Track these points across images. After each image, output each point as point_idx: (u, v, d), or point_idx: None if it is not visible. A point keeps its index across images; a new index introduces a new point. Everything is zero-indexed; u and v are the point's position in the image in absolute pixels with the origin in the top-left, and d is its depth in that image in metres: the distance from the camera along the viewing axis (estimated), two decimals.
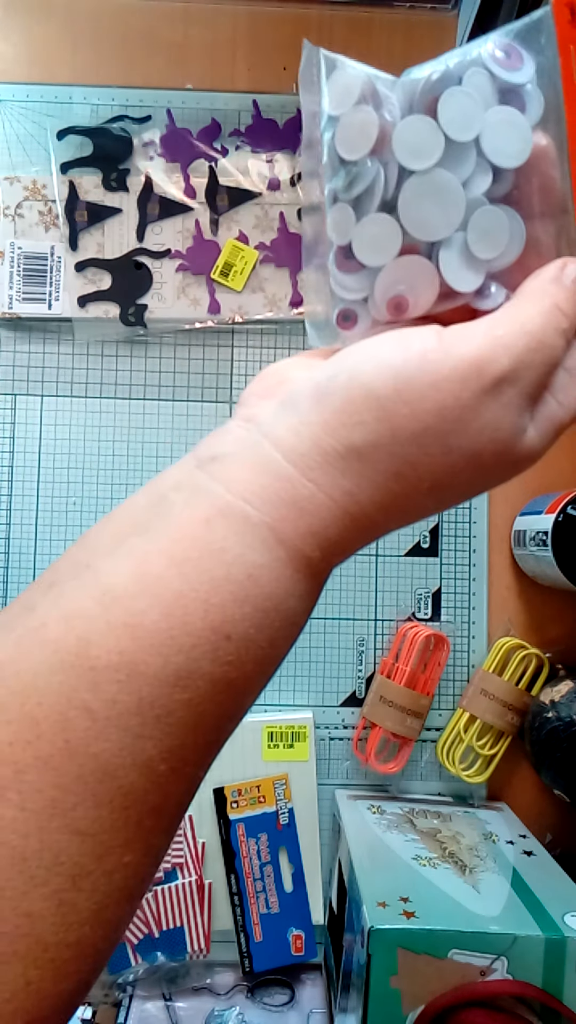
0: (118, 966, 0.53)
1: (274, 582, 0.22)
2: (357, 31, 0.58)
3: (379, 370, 0.22)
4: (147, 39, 0.58)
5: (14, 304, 0.56)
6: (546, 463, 0.58)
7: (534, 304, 0.23)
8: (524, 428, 0.23)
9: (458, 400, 0.21)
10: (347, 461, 0.22)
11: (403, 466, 0.22)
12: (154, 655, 0.20)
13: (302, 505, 0.22)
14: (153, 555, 0.21)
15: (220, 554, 0.21)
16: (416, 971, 0.39)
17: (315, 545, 0.22)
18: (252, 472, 0.22)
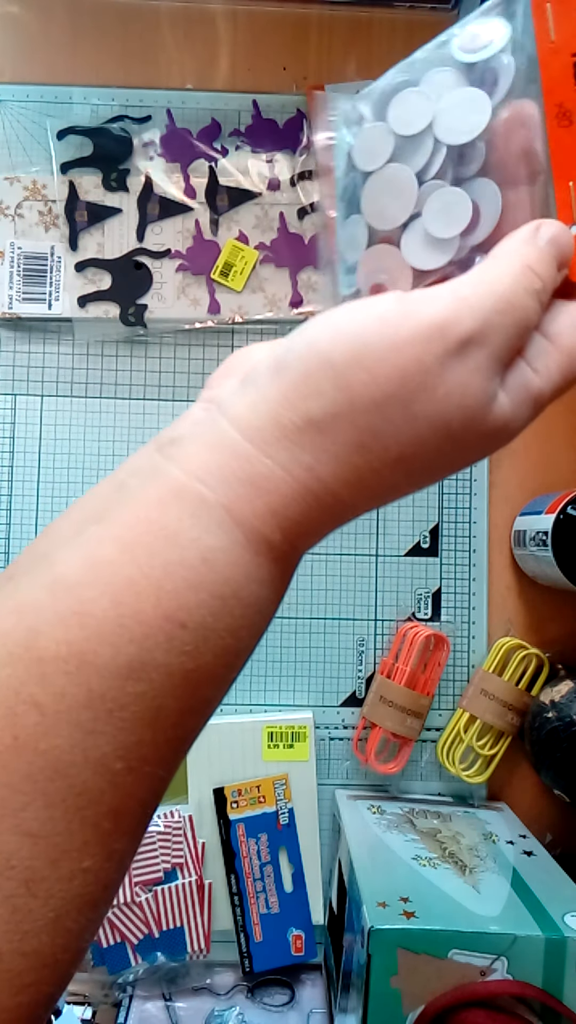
0: (118, 966, 0.53)
1: (231, 566, 0.20)
2: (357, 31, 0.58)
3: (336, 337, 0.21)
4: (147, 39, 0.58)
5: (14, 304, 0.56)
6: (546, 463, 0.58)
7: (504, 264, 0.22)
8: (494, 395, 0.21)
9: (420, 363, 0.20)
10: (306, 434, 0.21)
11: (365, 437, 0.21)
12: (104, 645, 0.19)
13: (259, 483, 0.21)
14: (106, 541, 0.20)
15: (173, 537, 0.20)
16: (416, 971, 0.39)
17: (275, 526, 0.21)
18: (208, 451, 0.21)
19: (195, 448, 0.21)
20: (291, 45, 0.58)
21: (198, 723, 0.22)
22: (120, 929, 0.53)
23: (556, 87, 0.24)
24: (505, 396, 0.21)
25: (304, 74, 0.58)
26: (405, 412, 0.20)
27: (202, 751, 0.54)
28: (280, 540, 0.21)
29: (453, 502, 0.58)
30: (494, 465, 0.58)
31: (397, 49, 0.58)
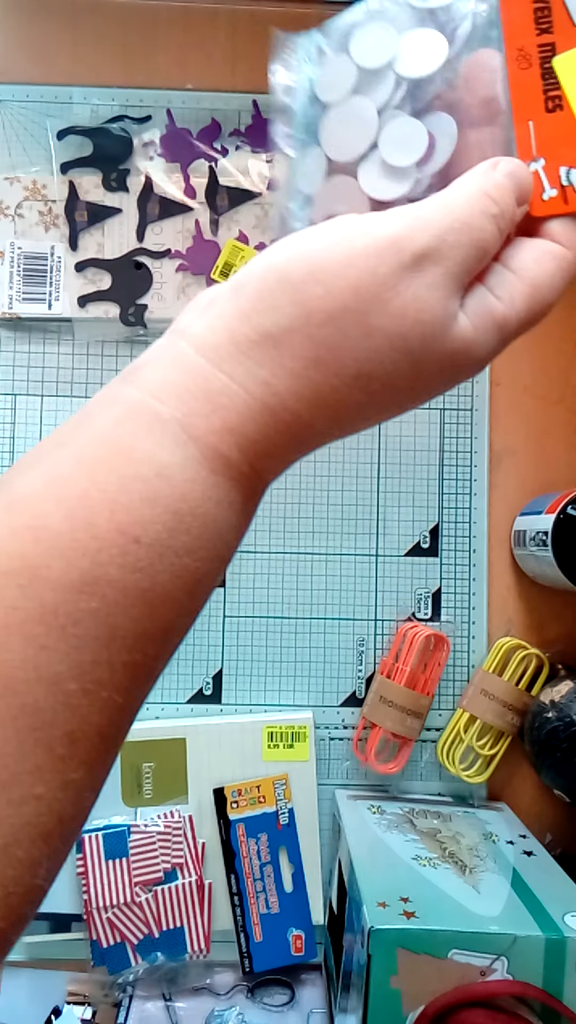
0: (118, 966, 0.53)
1: (188, 482, 0.20)
2: None
3: (292, 255, 0.21)
4: (147, 39, 0.58)
5: (14, 304, 0.56)
6: (546, 463, 0.58)
7: (460, 189, 0.22)
8: (454, 314, 0.21)
9: (374, 276, 0.20)
10: (262, 348, 0.21)
11: (321, 351, 0.21)
12: (57, 558, 0.19)
13: (214, 398, 0.21)
14: (63, 460, 0.20)
15: (128, 452, 0.20)
16: (416, 971, 0.39)
17: (232, 443, 0.21)
18: (164, 370, 0.21)
19: (152, 369, 0.22)
20: None
21: (158, 651, 0.21)
22: (120, 929, 0.53)
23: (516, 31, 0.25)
24: (466, 318, 0.22)
25: None
26: (361, 325, 0.20)
27: (202, 751, 0.54)
28: (239, 459, 0.21)
29: (453, 502, 0.58)
30: (494, 465, 0.58)
31: None
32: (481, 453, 0.58)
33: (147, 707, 0.56)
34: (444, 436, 0.58)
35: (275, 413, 0.21)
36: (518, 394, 0.58)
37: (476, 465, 0.58)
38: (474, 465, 0.58)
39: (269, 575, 0.57)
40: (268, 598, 0.57)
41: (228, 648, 0.57)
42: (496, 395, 0.58)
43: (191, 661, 0.57)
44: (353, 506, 0.58)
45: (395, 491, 0.58)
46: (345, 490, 0.57)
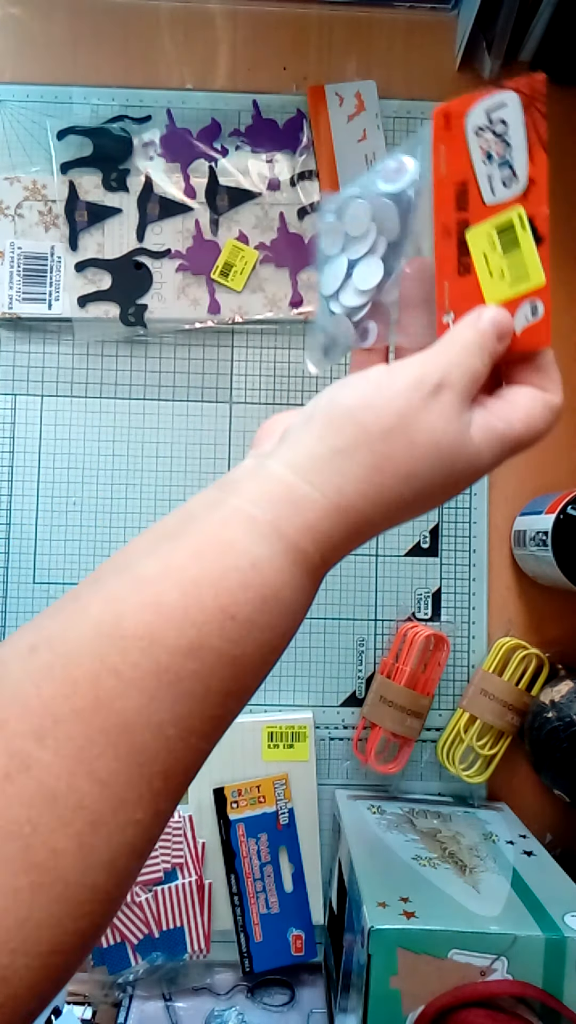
0: (118, 966, 0.53)
1: (275, 572, 0.26)
2: (357, 31, 0.58)
3: (348, 394, 0.28)
4: (147, 39, 0.58)
5: (14, 304, 0.56)
6: (546, 463, 0.58)
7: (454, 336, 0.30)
8: (468, 423, 0.28)
9: (409, 403, 0.27)
10: (334, 461, 0.27)
11: (379, 459, 0.27)
12: (172, 628, 0.24)
13: (299, 503, 0.26)
14: (178, 550, 0.26)
15: (230, 546, 0.25)
16: (416, 971, 0.39)
17: (311, 539, 0.26)
18: (259, 484, 0.27)
19: (248, 483, 0.27)
20: (291, 45, 0.58)
21: (235, 708, 0.26)
22: (120, 929, 0.53)
23: (442, 209, 0.31)
24: (476, 429, 0.29)
25: (304, 74, 0.58)
26: (406, 438, 0.27)
27: None
28: (313, 551, 0.27)
29: (453, 502, 0.58)
30: None
31: (397, 49, 0.58)
32: None
33: None
34: None
35: (344, 511, 0.27)
36: None
37: None
38: None
39: None
40: None
41: None
42: None
43: None
44: None
45: None
46: None
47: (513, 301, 0.31)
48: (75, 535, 0.57)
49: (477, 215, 0.30)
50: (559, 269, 0.56)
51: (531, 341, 0.31)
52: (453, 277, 0.31)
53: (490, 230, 0.30)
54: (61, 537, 0.57)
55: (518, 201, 0.30)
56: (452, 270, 0.31)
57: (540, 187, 0.30)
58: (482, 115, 0.30)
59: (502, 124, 0.29)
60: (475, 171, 0.30)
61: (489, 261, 0.30)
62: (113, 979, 0.53)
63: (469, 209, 0.30)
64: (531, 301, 0.31)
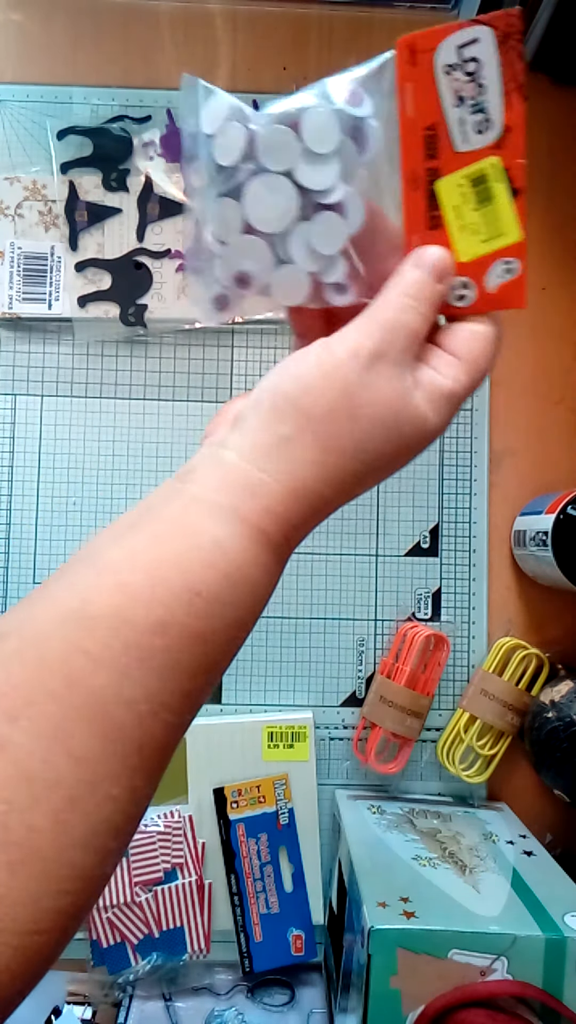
0: (118, 966, 0.53)
1: (238, 551, 0.26)
2: (357, 31, 0.58)
3: (287, 377, 0.28)
4: (147, 39, 0.58)
5: (14, 304, 0.56)
6: (546, 463, 0.58)
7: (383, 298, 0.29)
8: (409, 391, 0.28)
9: (347, 379, 0.28)
10: (282, 448, 0.28)
11: (325, 440, 0.28)
12: (140, 606, 0.25)
13: (255, 489, 0.27)
14: (140, 538, 0.26)
15: (192, 529, 0.26)
16: (416, 971, 0.39)
17: (271, 521, 0.27)
18: (215, 472, 0.28)
19: (206, 472, 0.28)
20: (291, 45, 0.58)
21: (205, 683, 0.27)
22: (120, 929, 0.53)
23: (410, 155, 0.28)
24: (420, 393, 0.28)
25: (304, 74, 0.58)
26: (349, 415, 0.28)
27: (202, 751, 0.54)
28: (274, 531, 0.27)
29: (453, 502, 0.58)
30: (494, 465, 0.58)
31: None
32: (481, 453, 0.58)
33: None
34: (444, 436, 0.58)
35: (298, 494, 0.28)
36: (518, 394, 0.58)
37: (476, 465, 0.58)
38: (474, 465, 0.58)
39: None
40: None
41: None
42: (496, 395, 0.58)
43: None
44: (353, 506, 0.58)
45: (395, 491, 0.58)
46: None
47: (487, 258, 0.29)
48: (75, 535, 0.57)
49: (448, 164, 0.28)
50: (562, 269, 0.56)
51: (504, 301, 0.29)
52: (422, 231, 0.29)
53: (462, 181, 0.28)
54: (61, 537, 0.57)
55: (492, 150, 0.27)
56: (422, 223, 0.29)
57: (517, 135, 0.27)
58: (452, 52, 0.27)
59: (474, 63, 0.27)
60: (445, 114, 0.27)
61: (461, 214, 0.28)
62: (113, 979, 0.53)
63: (439, 156, 0.28)
64: (506, 259, 0.29)
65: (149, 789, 0.26)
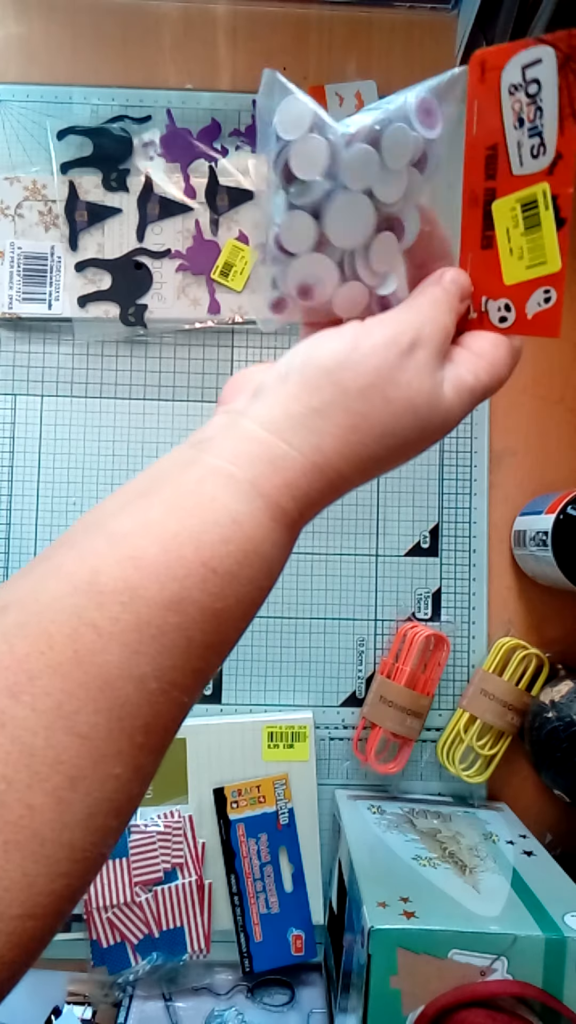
0: (118, 966, 0.53)
1: (255, 527, 0.26)
2: (357, 31, 0.58)
3: (324, 351, 0.28)
4: (147, 39, 0.58)
5: (14, 304, 0.56)
6: (546, 463, 0.58)
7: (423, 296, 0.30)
8: (441, 381, 0.29)
9: (386, 361, 0.28)
10: (311, 420, 0.27)
11: (356, 417, 0.27)
12: (153, 581, 0.24)
13: (277, 462, 0.27)
14: (155, 507, 0.26)
15: (210, 503, 0.25)
16: (416, 971, 0.39)
17: (289, 496, 0.27)
18: (235, 442, 0.27)
19: (224, 441, 0.27)
20: (291, 45, 0.58)
21: (215, 661, 0.26)
22: (120, 929, 0.53)
23: (471, 174, 0.29)
24: (449, 387, 0.29)
25: (304, 74, 0.58)
26: (382, 396, 0.27)
27: (202, 751, 0.54)
28: (292, 508, 0.27)
29: (453, 502, 0.58)
30: (494, 465, 0.58)
31: (397, 49, 0.58)
32: (481, 453, 0.58)
33: None
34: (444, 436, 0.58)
35: (322, 470, 0.27)
36: (518, 394, 0.58)
37: (476, 465, 0.58)
38: (474, 465, 0.58)
39: None
40: (268, 598, 0.57)
41: None
42: (496, 395, 0.58)
43: None
44: (353, 506, 0.58)
45: (395, 491, 0.58)
46: None
47: (528, 284, 0.29)
48: None
49: (504, 186, 0.28)
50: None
51: (541, 328, 0.29)
52: (476, 250, 0.30)
53: (515, 204, 0.28)
54: None
55: (544, 176, 0.27)
56: (475, 242, 0.30)
57: (568, 163, 0.27)
58: (517, 71, 0.27)
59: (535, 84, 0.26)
60: (506, 136, 0.28)
61: (511, 237, 0.29)
62: (113, 979, 0.53)
63: (497, 178, 0.28)
64: (545, 287, 0.29)
65: (153, 767, 0.25)
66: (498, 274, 0.29)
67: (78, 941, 0.54)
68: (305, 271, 0.30)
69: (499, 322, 0.30)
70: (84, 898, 0.52)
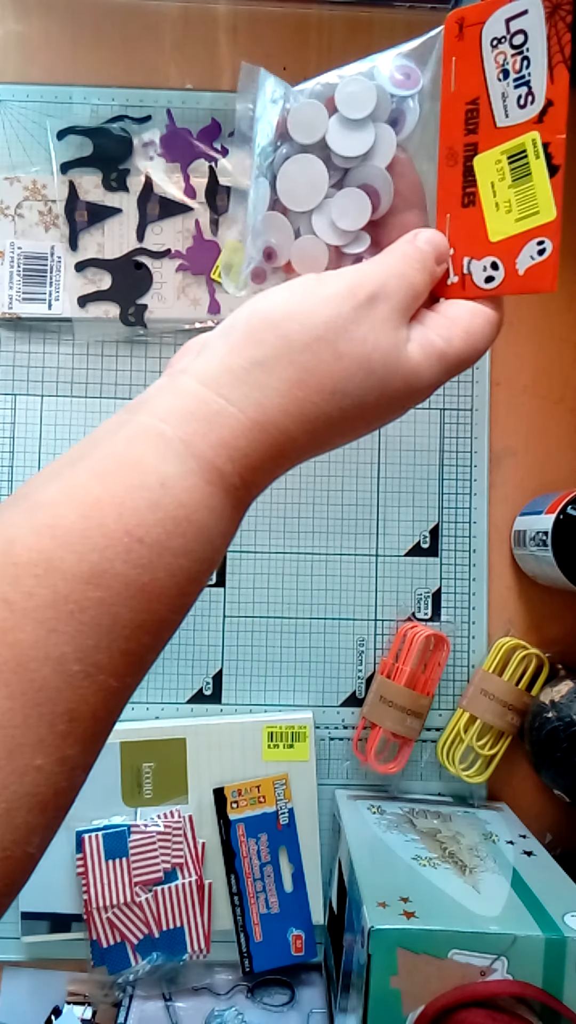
0: (118, 966, 0.53)
1: (187, 491, 0.23)
2: (357, 31, 0.58)
3: (272, 302, 0.26)
4: (147, 39, 0.58)
5: (14, 304, 0.56)
6: (546, 463, 0.58)
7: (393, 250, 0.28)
8: (404, 340, 0.26)
9: (339, 312, 0.25)
10: (252, 374, 0.25)
11: (302, 372, 0.25)
12: (70, 552, 0.22)
13: (213, 419, 0.24)
14: (79, 472, 0.24)
15: (137, 465, 0.23)
16: (416, 971, 0.39)
17: (226, 457, 0.24)
18: (169, 399, 0.25)
19: (158, 399, 0.25)
20: (291, 45, 0.58)
21: (151, 642, 0.23)
22: (120, 929, 0.53)
23: (449, 131, 0.28)
24: (416, 348, 0.26)
25: (304, 74, 0.57)
26: (332, 351, 0.25)
27: (202, 751, 0.54)
28: (231, 471, 0.24)
29: (453, 502, 0.58)
30: (494, 465, 0.58)
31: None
32: (481, 453, 0.58)
33: (147, 707, 0.56)
34: (444, 436, 0.58)
35: (264, 428, 0.25)
36: (518, 394, 0.58)
37: (476, 465, 0.58)
38: (474, 465, 0.58)
39: (269, 575, 0.57)
40: (268, 598, 0.57)
41: (228, 648, 0.57)
42: (496, 395, 0.58)
43: (191, 661, 0.57)
44: (353, 506, 0.58)
45: (395, 491, 0.58)
46: (345, 490, 0.57)
47: (518, 237, 0.27)
48: None
49: (487, 139, 0.27)
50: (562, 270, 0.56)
51: (534, 282, 0.27)
52: (456, 209, 0.28)
53: (500, 157, 0.27)
54: None
55: (532, 125, 0.26)
56: (455, 201, 0.28)
57: (559, 110, 0.26)
58: (500, 24, 0.26)
59: (521, 35, 0.26)
60: (488, 89, 0.27)
61: (496, 192, 0.27)
62: (113, 979, 0.53)
63: (479, 132, 0.27)
64: (539, 239, 0.27)
65: (84, 758, 0.22)
66: (482, 232, 0.28)
67: (78, 941, 0.54)
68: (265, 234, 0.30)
69: (485, 283, 0.28)
70: (84, 898, 0.52)
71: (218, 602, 0.57)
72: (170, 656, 0.57)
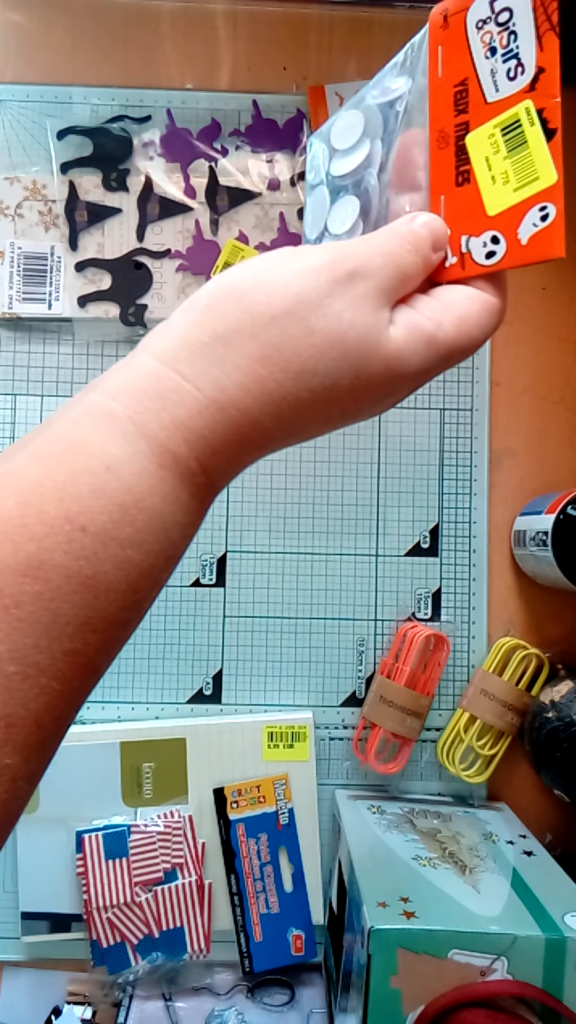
0: (118, 966, 0.53)
1: (135, 476, 0.21)
2: (357, 31, 0.58)
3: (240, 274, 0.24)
4: (147, 39, 0.58)
5: (14, 304, 0.56)
6: (546, 463, 0.58)
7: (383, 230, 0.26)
8: (385, 322, 0.24)
9: (313, 287, 0.23)
10: (211, 348, 0.23)
11: (267, 348, 0.22)
12: (6, 541, 0.20)
13: (166, 396, 0.22)
14: (22, 456, 0.22)
15: (81, 447, 0.21)
16: (416, 971, 0.39)
17: (181, 439, 0.22)
18: (122, 375, 0.23)
19: (112, 376, 0.23)
20: (291, 45, 0.58)
21: (99, 642, 0.21)
22: (120, 929, 0.53)
23: (439, 114, 0.27)
24: (397, 328, 0.24)
25: (304, 74, 0.58)
26: (302, 325, 0.23)
27: (202, 751, 0.54)
28: (186, 455, 0.22)
29: (453, 502, 0.58)
30: (494, 465, 0.58)
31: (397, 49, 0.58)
32: (481, 453, 0.58)
33: (147, 707, 0.56)
34: (444, 436, 0.58)
35: (223, 408, 0.22)
36: (518, 394, 0.58)
37: (476, 465, 0.58)
38: (474, 465, 0.58)
39: (269, 575, 0.57)
40: (268, 598, 0.57)
41: (228, 648, 0.57)
42: (496, 395, 0.58)
43: (191, 661, 0.57)
44: (353, 506, 0.58)
45: (395, 491, 0.58)
46: (345, 490, 0.57)
47: (519, 206, 0.26)
48: None
49: (479, 116, 0.26)
50: (562, 269, 0.56)
51: (540, 251, 0.26)
52: (450, 189, 0.27)
53: (493, 131, 0.26)
54: None
55: (524, 94, 0.26)
56: (449, 181, 0.27)
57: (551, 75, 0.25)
58: (485, 6, 0.26)
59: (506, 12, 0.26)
60: (476, 68, 0.26)
61: (492, 165, 0.26)
62: (113, 979, 0.53)
63: (469, 110, 0.27)
64: (540, 205, 0.26)
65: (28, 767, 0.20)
66: (479, 208, 0.27)
67: (78, 941, 0.54)
68: None
69: (486, 259, 0.27)
70: (84, 898, 0.52)
71: (218, 602, 0.57)
72: (170, 656, 0.57)
